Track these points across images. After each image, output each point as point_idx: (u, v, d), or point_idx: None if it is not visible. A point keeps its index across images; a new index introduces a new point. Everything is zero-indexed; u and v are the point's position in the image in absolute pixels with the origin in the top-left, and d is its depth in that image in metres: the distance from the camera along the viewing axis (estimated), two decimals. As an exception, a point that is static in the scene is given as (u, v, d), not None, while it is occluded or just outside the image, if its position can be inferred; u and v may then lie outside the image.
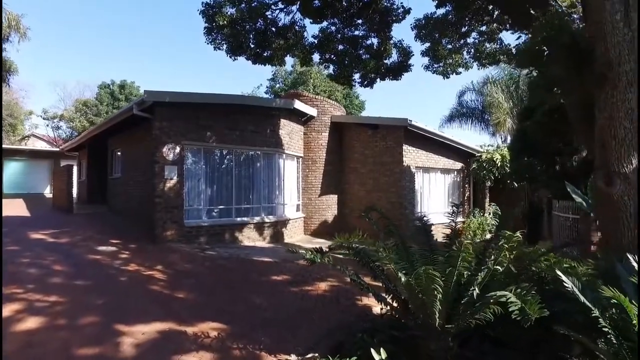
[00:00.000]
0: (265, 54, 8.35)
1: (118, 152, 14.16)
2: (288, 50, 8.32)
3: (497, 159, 14.20)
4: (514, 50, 8.78)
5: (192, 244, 9.46)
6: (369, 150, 13.21)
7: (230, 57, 8.56)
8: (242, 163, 11.04)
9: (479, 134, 23.39)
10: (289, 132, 12.12)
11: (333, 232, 13.60)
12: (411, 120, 12.00)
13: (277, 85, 32.64)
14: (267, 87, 33.65)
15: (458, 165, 14.97)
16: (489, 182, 14.57)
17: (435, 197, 14.12)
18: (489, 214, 15.17)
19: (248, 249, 9.77)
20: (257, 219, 10.91)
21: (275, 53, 8.21)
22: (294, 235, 12.41)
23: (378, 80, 9.07)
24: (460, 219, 15.22)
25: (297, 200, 13.06)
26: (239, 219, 10.59)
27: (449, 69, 8.91)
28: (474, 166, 14.74)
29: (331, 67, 8.88)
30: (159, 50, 70.15)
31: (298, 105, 11.75)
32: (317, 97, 13.47)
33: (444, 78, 9.15)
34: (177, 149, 9.40)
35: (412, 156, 12.85)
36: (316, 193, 13.34)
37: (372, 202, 13.08)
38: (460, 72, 9.18)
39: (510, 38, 52.54)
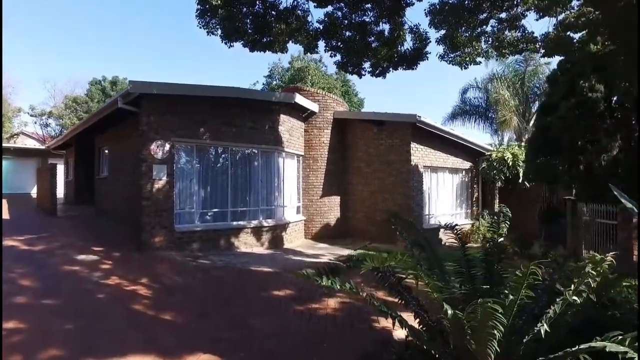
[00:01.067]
0: (264, 40, 7.47)
1: (105, 150, 13.24)
2: (290, 35, 7.46)
3: (508, 157, 13.41)
4: (539, 37, 7.95)
5: (183, 251, 8.58)
6: (374, 148, 12.37)
7: (226, 43, 7.68)
8: (239, 162, 10.17)
9: (482, 132, 22.63)
10: (289, 129, 11.26)
11: (336, 236, 12.79)
12: (420, 116, 11.18)
13: (274, 82, 31.73)
14: (263, 84, 32.75)
15: (466, 164, 14.16)
16: (499, 183, 13.77)
17: (443, 198, 13.31)
18: (499, 215, 14.37)
19: (245, 257, 8.90)
20: (254, 222, 10.04)
21: (276, 38, 7.33)
22: (294, 239, 11.55)
23: (391, 69, 8.22)
24: (468, 220, 14.48)
25: (297, 202, 12.21)
26: (235, 223, 9.71)
27: (467, 59, 8.07)
28: (483, 165, 13.94)
29: (338, 55, 8.03)
30: (153, 47, 69.01)
31: (299, 99, 10.89)
32: (318, 91, 12.63)
33: (461, 69, 8.32)
34: (167, 146, 8.51)
35: (420, 155, 12.03)
36: (317, 194, 12.49)
37: (377, 204, 12.29)
38: (480, 62, 8.36)
39: (534, 26, 51.07)
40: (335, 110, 12.74)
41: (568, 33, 7.58)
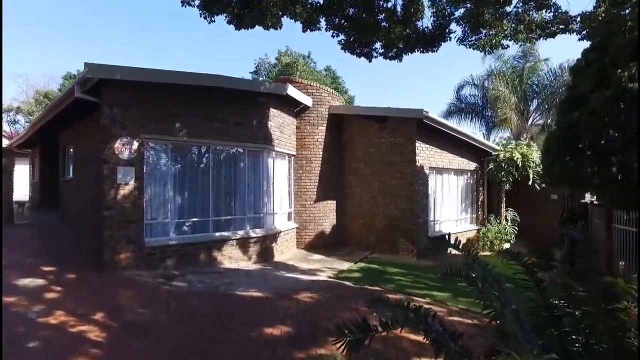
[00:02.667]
0: (252, 13, 6.12)
1: (70, 149, 11.67)
2: (285, 7, 6.13)
3: (517, 158, 12.32)
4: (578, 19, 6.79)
5: (155, 270, 7.17)
6: (374, 147, 11.11)
7: (206, 17, 6.33)
8: (223, 163, 8.78)
9: (478, 131, 21.83)
10: (280, 125, 9.91)
11: (331, 245, 11.46)
12: (427, 112, 9.96)
13: (261, 79, 30.29)
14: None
15: (472, 165, 13.02)
16: (507, 185, 12.67)
17: (448, 202, 12.14)
18: (506, 220, 13.30)
19: (230, 275, 7.53)
20: (240, 233, 8.67)
21: (269, 10, 6.00)
22: (286, 250, 10.21)
23: (407, 52, 6.96)
24: (473, 226, 13.35)
25: (288, 208, 10.87)
26: (217, 234, 8.33)
27: (493, 41, 6.87)
28: (490, 166, 12.82)
29: (341, 35, 6.75)
30: (133, 42, 66.62)
31: (291, 91, 9.55)
32: (312, 83, 11.32)
33: (485, 54, 7.16)
34: (135, 144, 7.08)
35: (426, 155, 10.81)
36: (311, 198, 11.18)
37: (377, 209, 11.04)
38: (507, 46, 7.20)
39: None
40: (331, 104, 11.44)
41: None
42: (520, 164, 12.24)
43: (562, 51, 52.47)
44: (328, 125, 11.36)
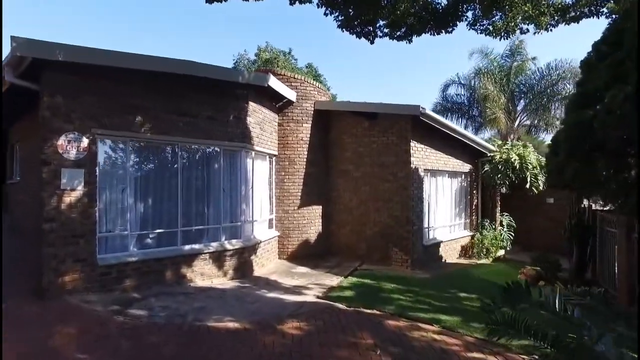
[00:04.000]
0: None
1: (17, 146, 10.21)
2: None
3: (514, 159, 11.54)
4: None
5: (110, 294, 5.94)
6: (364, 147, 10.10)
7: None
8: (194, 164, 7.60)
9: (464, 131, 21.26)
10: (260, 122, 8.78)
11: (317, 255, 10.31)
12: (424, 108, 9.01)
13: (238, 75, 28.87)
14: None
15: (466, 167, 12.19)
16: (503, 188, 11.89)
17: (442, 207, 11.25)
18: (501, 226, 12.52)
19: (201, 297, 6.36)
20: (214, 245, 7.50)
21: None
22: (267, 262, 9.09)
23: (417, 33, 5.94)
24: (467, 232, 12.52)
25: (269, 214, 9.74)
26: (187, 247, 7.14)
27: (511, 23, 5.95)
28: (486, 168, 12.01)
29: (337, 14, 5.70)
30: (105, 30, 63.84)
31: (273, 83, 8.43)
32: (296, 76, 10.22)
33: (500, 39, 6.23)
34: (84, 142, 5.83)
35: (420, 156, 9.88)
36: (295, 204, 10.08)
37: (368, 215, 10.05)
38: (526, 31, 6.29)
39: None
40: (317, 100, 10.37)
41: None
42: (517, 166, 11.46)
43: (548, 50, 53.18)
44: (314, 123, 10.29)
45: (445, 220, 11.37)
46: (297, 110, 10.08)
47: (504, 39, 6.26)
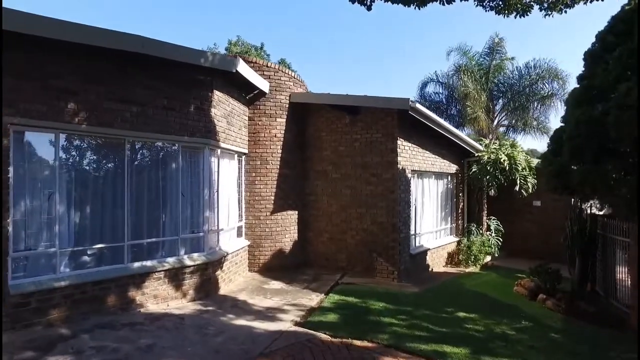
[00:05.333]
0: None
1: None
2: None
3: (503, 160, 10.78)
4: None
5: (26, 331, 4.60)
6: (345, 145, 9.05)
7: None
8: (146, 164, 6.32)
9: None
10: (227, 114, 7.56)
11: (292, 266, 9.01)
12: (414, 102, 8.05)
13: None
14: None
15: (453, 168, 11.35)
16: (492, 191, 11.11)
17: (428, 211, 10.34)
18: (489, 230, 11.76)
19: (151, 329, 5.11)
20: (171, 261, 6.23)
21: None
22: (235, 276, 7.89)
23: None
24: (453, 237, 11.68)
25: (238, 221, 8.53)
26: (137, 264, 5.84)
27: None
28: (474, 169, 11.20)
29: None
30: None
31: (243, 69, 7.23)
32: (270, 64, 9.03)
33: (504, 15, 5.32)
34: (-7, 134, 4.47)
35: (408, 155, 8.92)
36: (267, 209, 8.90)
37: (349, 222, 9.01)
38: (545, 8, 5.38)
39: None
40: (293, 91, 9.22)
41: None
42: (507, 167, 10.71)
43: (524, 52, 53.87)
44: (289, 117, 9.14)
45: (431, 226, 10.47)
46: (271, 103, 8.91)
47: (521, 16, 5.35)
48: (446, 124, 9.60)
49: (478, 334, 5.68)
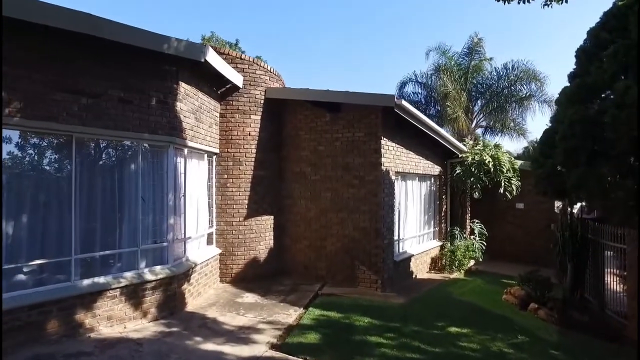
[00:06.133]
0: None
1: None
2: None
3: (488, 161, 10.42)
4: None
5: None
6: (325, 145, 8.43)
7: None
8: (99, 164, 5.51)
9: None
10: (196, 110, 6.81)
11: (268, 276, 8.09)
12: (399, 98, 7.51)
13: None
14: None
15: (436, 169, 10.90)
16: (476, 194, 10.74)
17: (412, 215, 9.84)
18: (472, 234, 11.39)
19: (100, 359, 4.33)
20: (129, 276, 5.44)
21: None
22: (204, 289, 7.14)
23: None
24: (436, 242, 11.23)
25: (208, 228, 7.77)
26: (86, 282, 5.03)
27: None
28: (458, 171, 10.79)
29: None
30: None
31: (213, 58, 6.48)
32: (244, 56, 8.30)
33: (505, 2, 4.84)
34: None
35: (391, 156, 8.37)
36: (241, 214, 8.18)
37: (329, 228, 8.41)
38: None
39: None
40: (269, 86, 8.53)
41: None
42: (492, 169, 10.34)
43: (505, 52, 54.86)
44: (264, 114, 8.45)
45: (415, 230, 9.97)
46: (245, 98, 8.19)
47: (523, 2, 4.87)
48: (432, 123, 9.10)
49: (474, 353, 5.16)
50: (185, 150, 6.52)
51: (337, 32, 72.29)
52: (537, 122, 44.93)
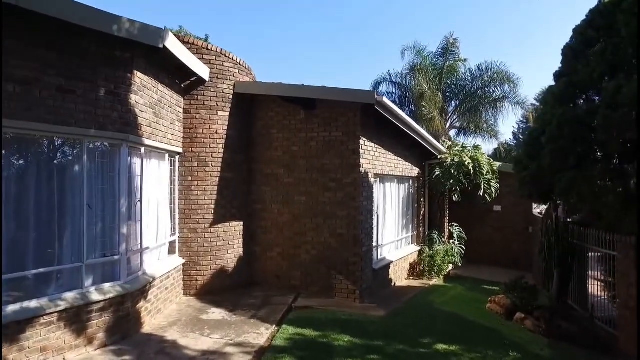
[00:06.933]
0: None
1: None
2: None
3: (468, 163, 10.07)
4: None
5: None
6: (300, 145, 7.81)
7: None
8: (34, 165, 4.66)
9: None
10: (155, 104, 6.03)
11: (237, 287, 7.10)
12: (380, 95, 6.97)
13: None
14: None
15: (415, 171, 10.47)
16: (455, 196, 10.37)
17: (390, 220, 9.35)
18: (451, 238, 11.04)
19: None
20: (70, 297, 4.62)
21: None
22: (165, 305, 6.37)
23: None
24: (414, 246, 10.78)
25: (170, 236, 6.98)
26: (12, 308, 4.16)
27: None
28: (437, 173, 10.40)
29: None
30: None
31: (173, 45, 5.72)
32: (211, 46, 7.54)
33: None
34: None
35: (371, 157, 7.84)
36: (207, 219, 7.43)
37: (304, 235, 7.82)
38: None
39: None
40: (238, 80, 7.82)
41: None
42: (472, 171, 10.00)
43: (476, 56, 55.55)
44: (233, 111, 7.73)
45: (393, 236, 9.49)
46: (211, 92, 7.45)
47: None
48: (413, 122, 8.64)
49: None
50: (142, 150, 5.73)
51: (312, 33, 71.77)
52: (507, 123, 46.14)
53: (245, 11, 65.88)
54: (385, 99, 7.02)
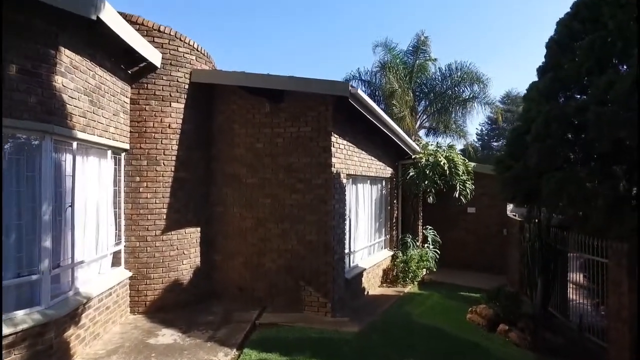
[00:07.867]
0: None
1: None
2: None
3: (443, 163, 9.58)
4: None
5: None
6: (264, 141, 7.01)
7: None
8: None
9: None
10: (92, 90, 5.08)
11: (193, 302, 6.35)
12: (354, 87, 6.27)
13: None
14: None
15: (388, 171, 9.88)
16: (430, 197, 9.87)
17: (362, 224, 8.69)
18: (425, 241, 10.52)
19: None
20: (-31, 330, 3.64)
21: None
22: (106, 327, 5.42)
23: None
24: (387, 251, 10.19)
25: (114, 245, 6.01)
26: None
27: None
28: (411, 173, 9.84)
29: None
30: None
31: (111, 19, 4.79)
32: (163, 28, 6.60)
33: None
34: None
35: (343, 156, 7.15)
36: (158, 225, 6.50)
37: (269, 241, 7.03)
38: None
39: None
40: (195, 68, 6.92)
41: None
42: (447, 171, 9.52)
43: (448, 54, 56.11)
44: (189, 102, 6.83)
45: (366, 240, 8.85)
46: (164, 81, 6.52)
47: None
48: (389, 119, 8.01)
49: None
50: (74, 145, 4.78)
51: (279, 28, 70.69)
52: (475, 123, 47.25)
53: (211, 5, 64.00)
54: (360, 92, 6.33)
